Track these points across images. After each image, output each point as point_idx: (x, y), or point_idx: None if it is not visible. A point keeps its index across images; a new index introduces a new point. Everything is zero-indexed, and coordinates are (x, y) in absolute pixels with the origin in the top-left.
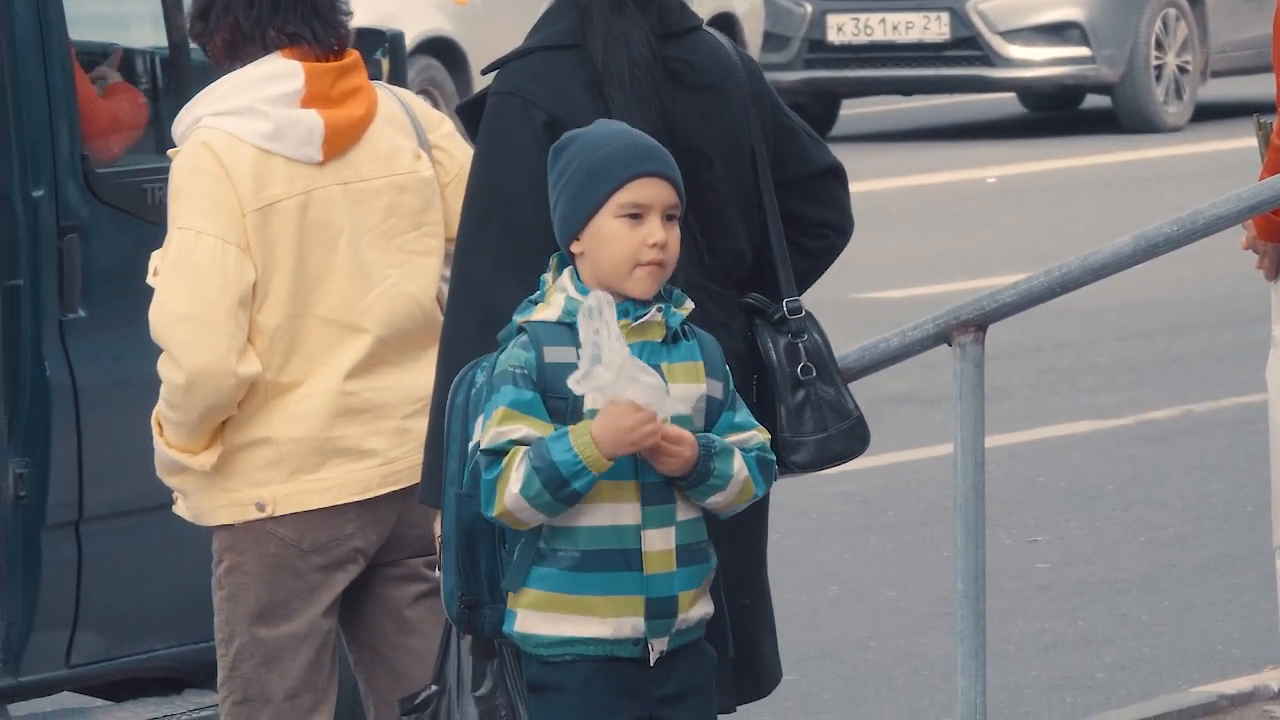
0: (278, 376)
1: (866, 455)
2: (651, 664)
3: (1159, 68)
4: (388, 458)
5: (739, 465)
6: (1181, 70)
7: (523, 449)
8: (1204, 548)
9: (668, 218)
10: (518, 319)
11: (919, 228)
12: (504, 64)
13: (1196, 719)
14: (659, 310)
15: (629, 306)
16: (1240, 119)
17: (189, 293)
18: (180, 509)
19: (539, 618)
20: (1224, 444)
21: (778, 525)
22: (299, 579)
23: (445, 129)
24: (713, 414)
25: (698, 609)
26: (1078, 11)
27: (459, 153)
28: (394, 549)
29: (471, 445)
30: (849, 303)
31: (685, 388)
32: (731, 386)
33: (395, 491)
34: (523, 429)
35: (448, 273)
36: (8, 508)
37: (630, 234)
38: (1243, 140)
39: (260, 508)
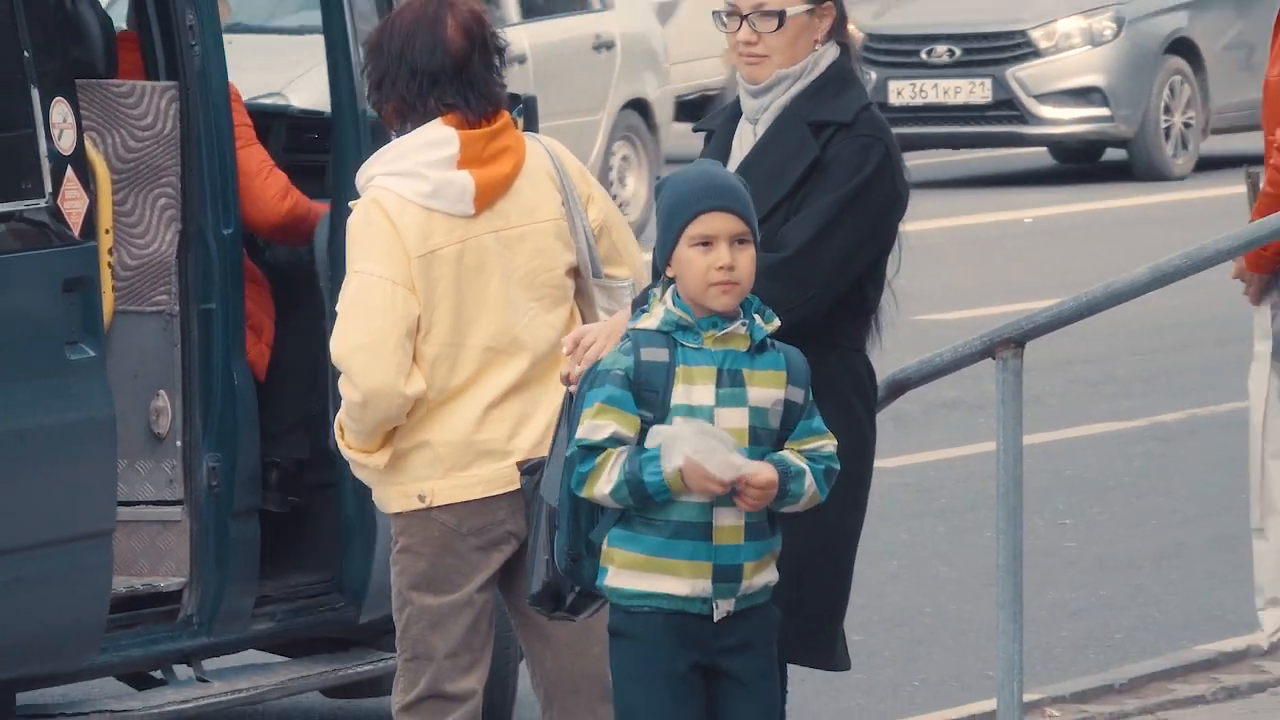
0: (439, 394)
1: (922, 450)
2: (715, 620)
3: (1168, 126)
4: (528, 456)
5: (809, 484)
6: (1186, 127)
7: (616, 452)
8: (1206, 530)
9: (738, 242)
10: (630, 325)
11: (967, 261)
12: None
13: (1199, 672)
14: (743, 325)
15: (717, 320)
16: (1237, 169)
17: (364, 326)
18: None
19: (628, 575)
20: (1223, 442)
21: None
22: (459, 558)
23: (591, 179)
24: (792, 418)
25: (761, 577)
26: (1099, 78)
27: (601, 198)
28: None
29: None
30: (908, 324)
31: (764, 392)
32: (810, 397)
33: None
34: (613, 425)
35: (602, 303)
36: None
37: (702, 260)
38: (1238, 187)
39: (421, 499)
